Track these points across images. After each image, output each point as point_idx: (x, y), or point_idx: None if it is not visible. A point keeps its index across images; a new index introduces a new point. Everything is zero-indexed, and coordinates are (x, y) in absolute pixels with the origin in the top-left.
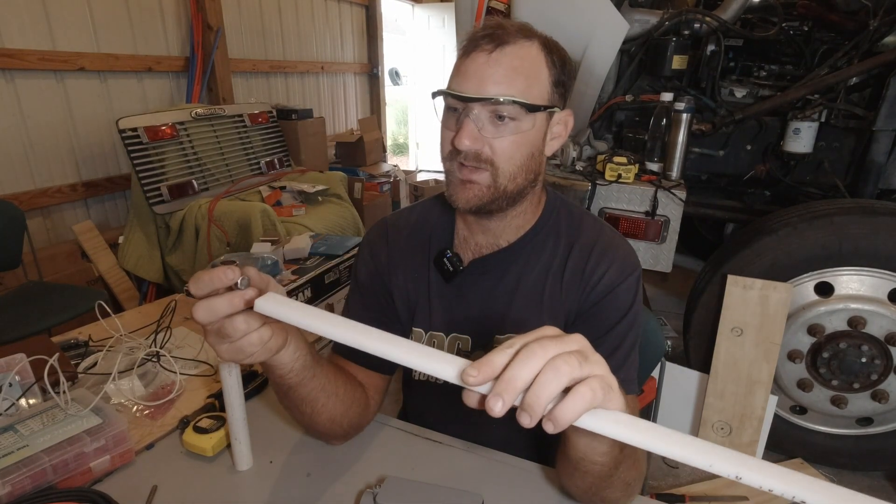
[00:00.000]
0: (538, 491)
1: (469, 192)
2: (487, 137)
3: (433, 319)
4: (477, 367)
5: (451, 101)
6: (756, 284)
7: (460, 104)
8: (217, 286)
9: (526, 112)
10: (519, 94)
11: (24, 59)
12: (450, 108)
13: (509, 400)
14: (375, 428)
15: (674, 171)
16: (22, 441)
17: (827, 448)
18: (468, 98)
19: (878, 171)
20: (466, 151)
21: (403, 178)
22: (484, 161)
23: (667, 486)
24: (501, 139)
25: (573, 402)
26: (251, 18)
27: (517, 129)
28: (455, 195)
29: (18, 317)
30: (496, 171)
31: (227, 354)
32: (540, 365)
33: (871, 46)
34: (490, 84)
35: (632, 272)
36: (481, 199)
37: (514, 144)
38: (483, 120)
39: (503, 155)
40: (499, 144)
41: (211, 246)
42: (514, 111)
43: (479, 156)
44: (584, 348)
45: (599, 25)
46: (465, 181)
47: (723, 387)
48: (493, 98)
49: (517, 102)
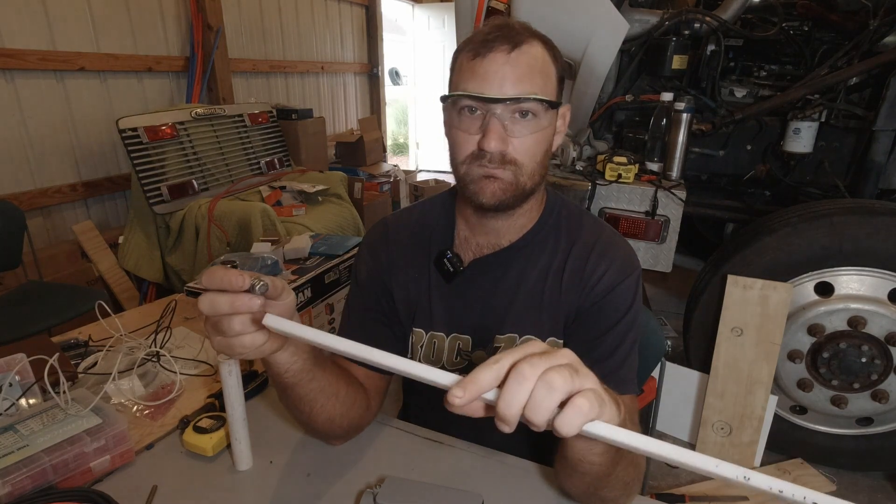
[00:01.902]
0: (538, 491)
1: (494, 185)
2: (511, 137)
3: (434, 320)
4: (462, 388)
5: (472, 103)
6: (756, 284)
7: (482, 106)
8: (226, 287)
9: (545, 109)
10: (539, 91)
11: (24, 59)
12: (466, 111)
13: (513, 423)
14: (375, 428)
15: (674, 171)
16: (22, 441)
17: (827, 448)
18: (495, 99)
19: (878, 171)
20: (493, 153)
21: (403, 178)
22: (508, 162)
23: (667, 486)
24: (524, 138)
25: (571, 415)
26: (251, 18)
27: (538, 127)
28: (479, 191)
29: (18, 317)
30: (519, 168)
31: (218, 347)
32: (532, 383)
33: (871, 46)
34: (512, 83)
35: (631, 272)
36: (505, 194)
37: (536, 142)
38: (507, 120)
39: (526, 153)
40: (521, 143)
41: (211, 246)
42: (536, 108)
43: (503, 157)
44: (573, 362)
45: (599, 25)
46: (489, 176)
47: (723, 387)
48: (520, 97)
49: (540, 100)
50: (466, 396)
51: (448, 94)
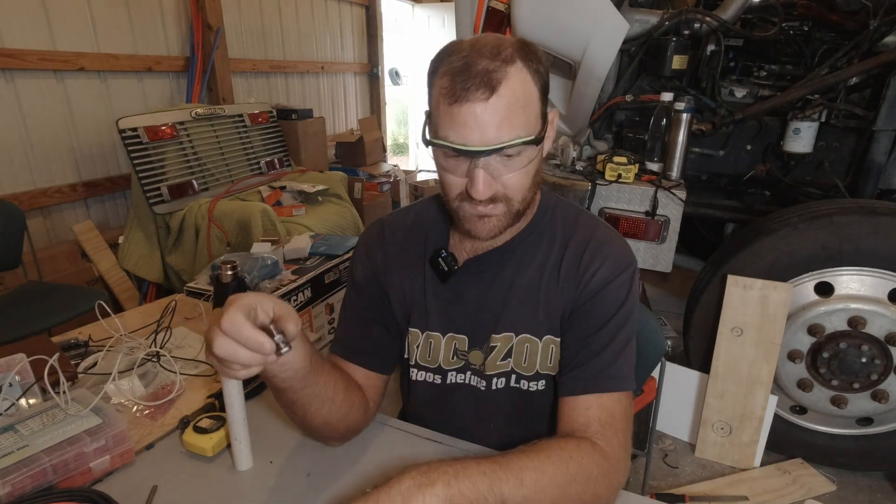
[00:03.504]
0: None
1: (488, 224)
2: (499, 178)
3: (429, 319)
4: None
5: (454, 153)
6: (756, 284)
7: (465, 155)
8: (254, 350)
9: (532, 144)
10: (523, 130)
11: (24, 59)
12: (452, 155)
13: None
14: (375, 428)
15: (674, 171)
16: (22, 441)
17: (827, 448)
18: (477, 152)
19: (878, 171)
20: (480, 199)
21: (403, 177)
22: (499, 199)
23: (667, 486)
24: (512, 175)
25: None
26: (251, 18)
27: (526, 161)
28: (474, 230)
29: (18, 317)
30: (510, 202)
31: (217, 366)
32: None
33: (871, 46)
34: (494, 131)
35: (625, 268)
36: (501, 228)
37: (525, 174)
38: (492, 164)
39: (516, 187)
40: (510, 181)
41: (211, 246)
42: (521, 148)
43: (494, 197)
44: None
45: (599, 25)
46: (482, 216)
47: (723, 387)
48: (503, 146)
49: (525, 142)
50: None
51: (429, 141)
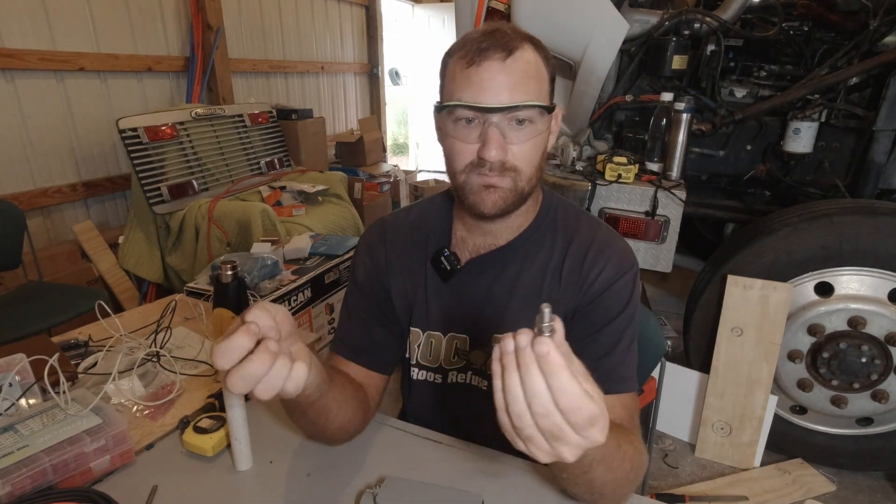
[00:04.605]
0: (538, 491)
1: (495, 194)
2: (509, 145)
3: (431, 319)
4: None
5: (469, 114)
6: (756, 284)
7: (479, 115)
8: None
9: (541, 114)
10: (535, 97)
11: (24, 59)
12: (463, 121)
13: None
14: (375, 428)
15: (674, 171)
16: (22, 441)
17: (827, 448)
18: (493, 108)
19: (878, 171)
20: (493, 162)
21: (403, 178)
22: (508, 169)
23: (667, 486)
24: (522, 144)
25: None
26: (251, 18)
27: (535, 132)
28: (480, 202)
29: (18, 317)
30: (518, 175)
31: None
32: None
33: (871, 46)
34: (508, 91)
35: (628, 269)
36: (506, 203)
37: (534, 147)
38: (504, 128)
39: (524, 159)
40: (520, 150)
41: (211, 246)
42: (533, 115)
43: (503, 164)
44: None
45: (599, 25)
46: (488, 186)
47: (723, 387)
48: (518, 105)
49: (537, 106)
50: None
51: (443, 104)
